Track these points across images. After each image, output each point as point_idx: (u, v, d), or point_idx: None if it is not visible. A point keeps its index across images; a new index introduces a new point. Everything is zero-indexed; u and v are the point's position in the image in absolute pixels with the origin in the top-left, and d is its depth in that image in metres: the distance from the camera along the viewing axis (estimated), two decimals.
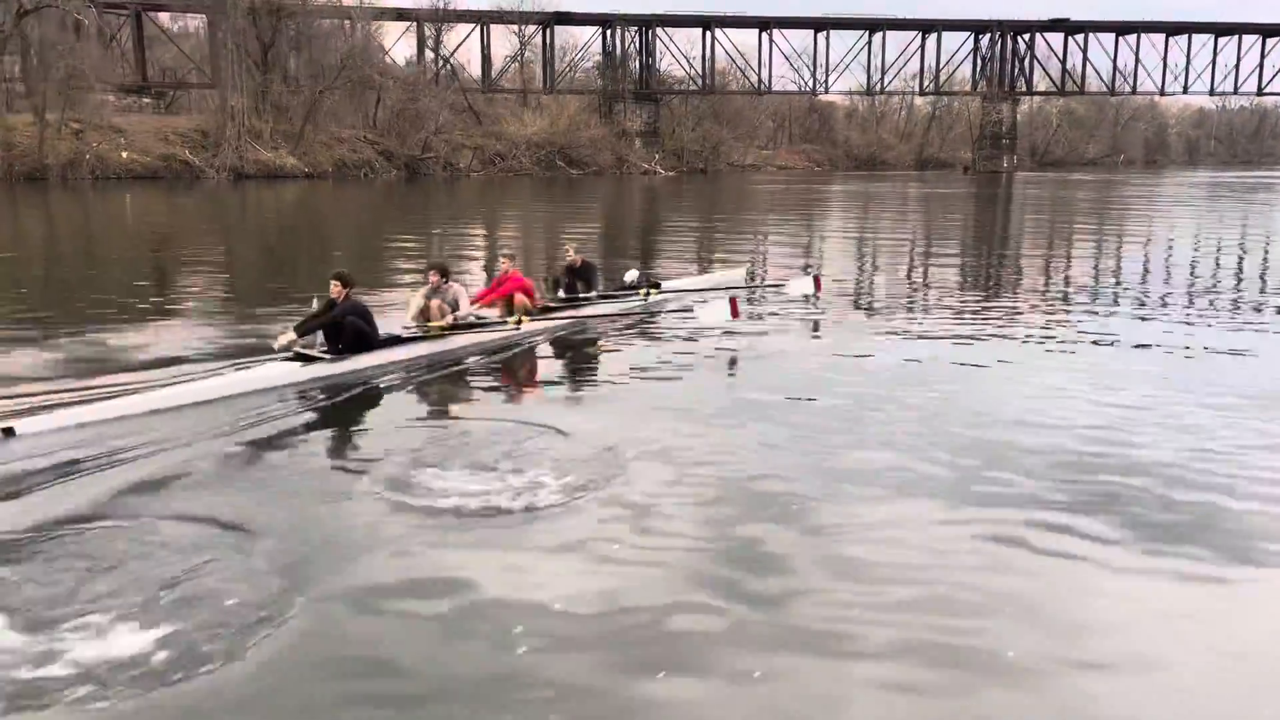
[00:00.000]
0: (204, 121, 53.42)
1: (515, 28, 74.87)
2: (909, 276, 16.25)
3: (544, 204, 39.32)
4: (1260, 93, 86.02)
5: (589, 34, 79.20)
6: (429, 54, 71.53)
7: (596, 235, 23.49)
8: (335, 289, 7.92)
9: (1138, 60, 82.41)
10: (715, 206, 38.58)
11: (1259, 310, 11.84)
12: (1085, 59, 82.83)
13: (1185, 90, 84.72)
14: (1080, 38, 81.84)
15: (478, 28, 74.02)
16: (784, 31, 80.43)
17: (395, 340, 8.33)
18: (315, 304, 8.15)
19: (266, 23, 52.68)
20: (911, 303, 12.63)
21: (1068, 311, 11.73)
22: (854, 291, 13.58)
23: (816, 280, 11.46)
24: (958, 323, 10.72)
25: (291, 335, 7.70)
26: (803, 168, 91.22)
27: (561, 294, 10.60)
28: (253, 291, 13.92)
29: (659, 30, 78.60)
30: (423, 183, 53.79)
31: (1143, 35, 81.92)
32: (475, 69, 75.68)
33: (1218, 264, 17.35)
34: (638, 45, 79.21)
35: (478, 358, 8.62)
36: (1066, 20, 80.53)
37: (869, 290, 13.80)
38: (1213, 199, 43.62)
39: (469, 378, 8.15)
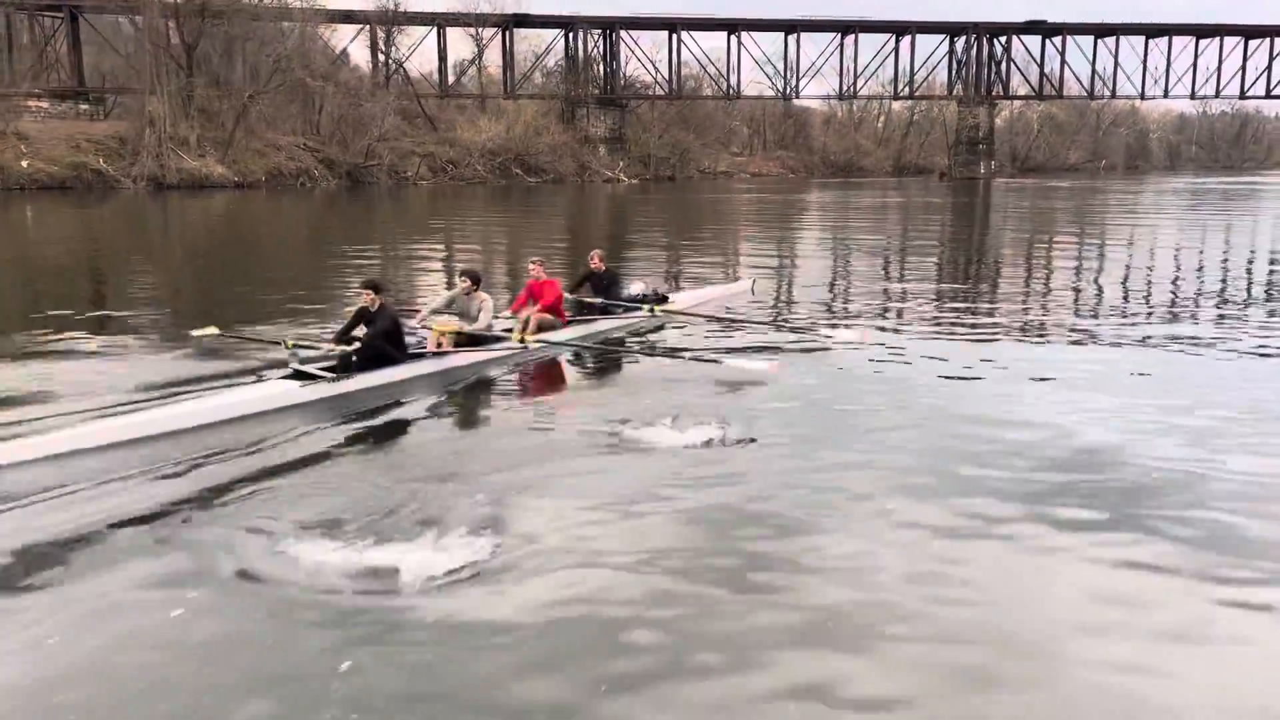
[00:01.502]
0: (124, 128, 50.11)
1: (472, 30, 71.97)
2: (845, 293, 14.83)
3: (491, 214, 37.36)
4: (1242, 96, 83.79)
5: (550, 37, 76.54)
6: (381, 57, 68.66)
7: (527, 250, 21.41)
8: (368, 297, 7.73)
9: (1117, 63, 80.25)
10: (667, 217, 36.41)
11: (1243, 318, 11.78)
12: (1063, 62, 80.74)
13: (1166, 94, 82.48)
14: (1058, 40, 79.60)
15: (434, 30, 71.18)
16: (753, 34, 77.89)
17: (401, 359, 8.01)
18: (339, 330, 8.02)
19: (192, 23, 49.46)
20: (885, 314, 12.32)
21: (1043, 327, 11.52)
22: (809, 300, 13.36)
23: (864, 335, 10.28)
24: (933, 336, 10.60)
25: (333, 346, 7.68)
26: (777, 175, 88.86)
27: (578, 300, 10.62)
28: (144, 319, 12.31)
29: (623, 33, 75.83)
30: (365, 192, 51.16)
31: (1122, 38, 79.69)
32: (434, 74, 72.96)
33: (1200, 275, 16.77)
34: (601, 49, 76.49)
35: (480, 378, 8.35)
36: (1043, 22, 78.31)
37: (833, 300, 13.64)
38: (1194, 208, 41.51)
39: (471, 402, 7.91)
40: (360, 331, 7.82)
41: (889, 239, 25.90)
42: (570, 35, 75.29)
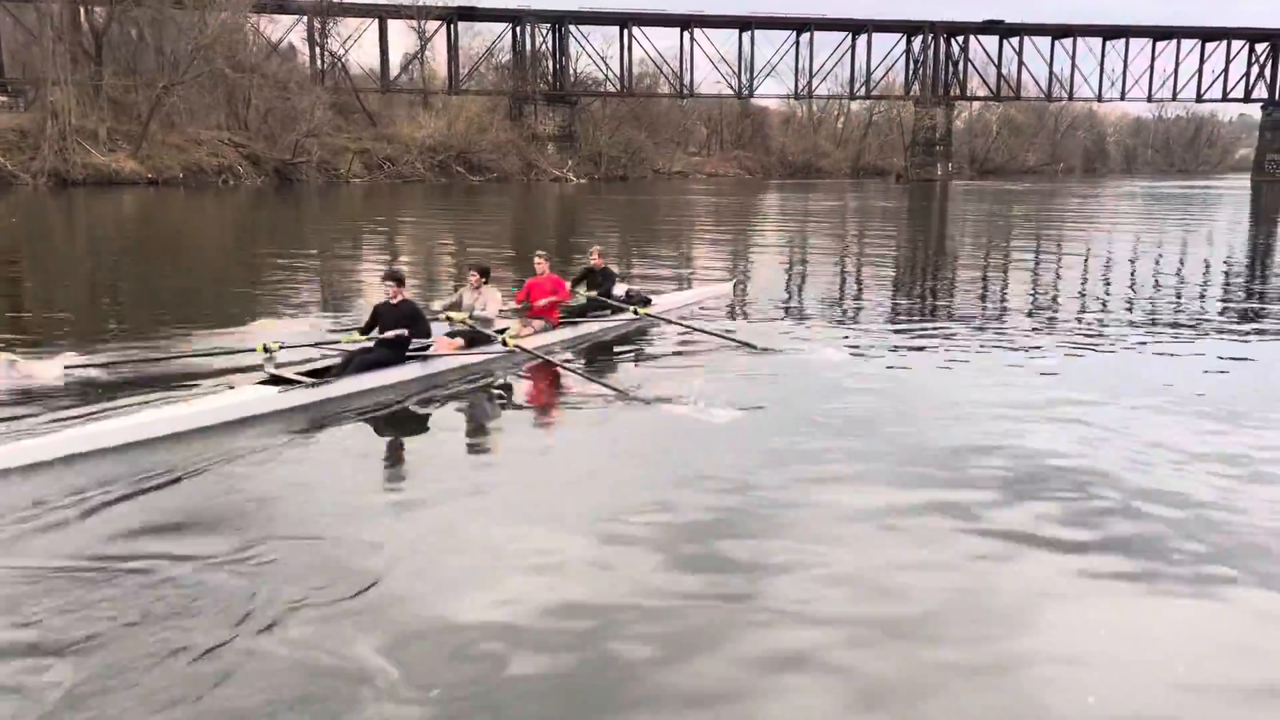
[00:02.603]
0: (26, 120, 46.76)
1: (415, 23, 69.19)
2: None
3: (425, 214, 35.59)
4: (1199, 99, 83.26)
5: (497, 31, 73.87)
6: (319, 49, 65.66)
7: (443, 254, 20.88)
8: (391, 290, 7.73)
9: (1074, 65, 79.29)
10: (612, 220, 34.48)
11: (1200, 322, 11.92)
12: (1020, 63, 79.65)
13: (1123, 96, 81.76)
14: (1015, 41, 78.54)
15: (375, 22, 68.29)
16: (707, 31, 75.84)
17: (386, 363, 7.84)
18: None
19: (102, 8, 46.22)
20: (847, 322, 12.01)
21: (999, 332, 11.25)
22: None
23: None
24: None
25: (355, 335, 7.78)
26: (733, 175, 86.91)
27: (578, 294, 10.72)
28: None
29: (573, 28, 73.44)
30: (293, 191, 48.35)
31: (1079, 39, 78.81)
32: (377, 69, 70.02)
33: (1156, 280, 16.69)
34: (550, 44, 74.03)
35: (464, 383, 8.20)
36: (1001, 22, 77.15)
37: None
38: (1150, 214, 40.34)
39: (456, 406, 7.74)
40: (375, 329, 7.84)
41: (828, 253, 23.84)
42: (518, 29, 72.78)
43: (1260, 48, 79.43)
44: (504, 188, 58.71)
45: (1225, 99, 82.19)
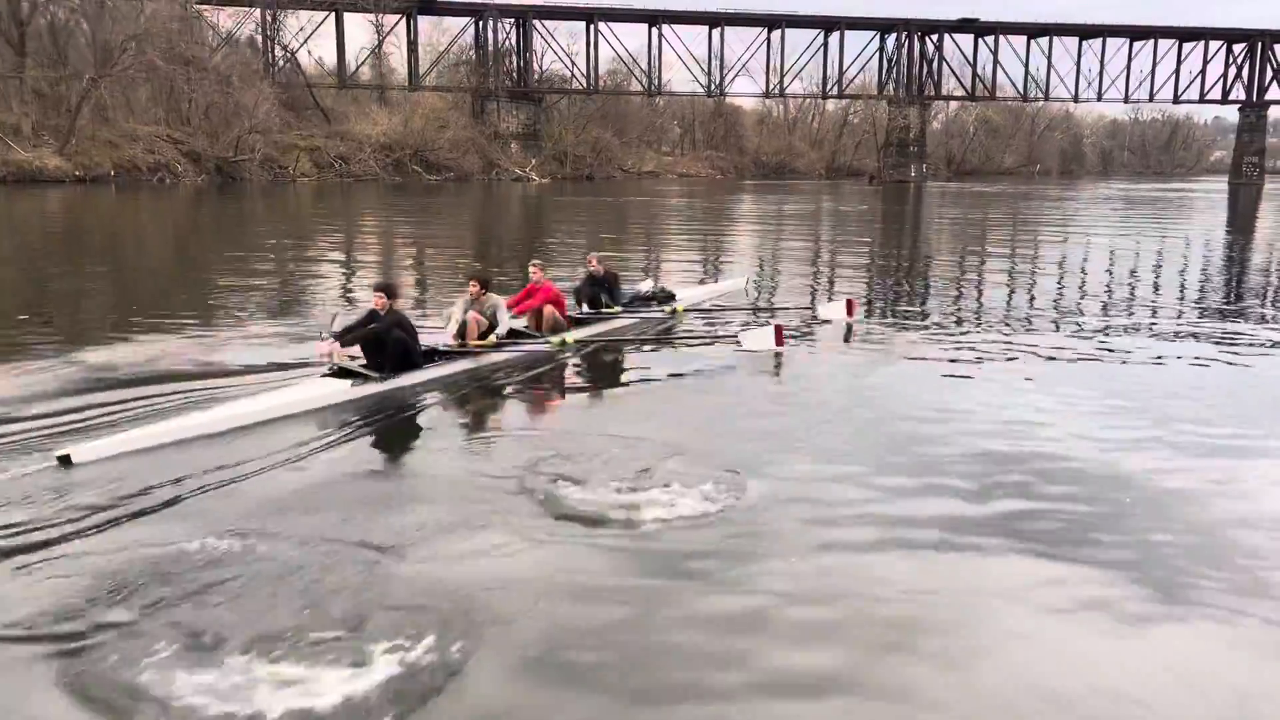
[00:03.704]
0: None
1: (372, 16, 66.63)
2: None
3: (365, 217, 33.55)
4: (1176, 100, 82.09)
5: (459, 26, 71.43)
6: (270, 43, 63.00)
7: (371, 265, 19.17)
8: (379, 300, 7.77)
9: (1050, 65, 77.86)
10: (570, 223, 32.68)
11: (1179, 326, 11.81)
12: (996, 62, 78.01)
13: (1100, 97, 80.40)
14: (991, 40, 76.99)
15: (331, 15, 65.66)
16: (676, 28, 73.75)
17: (436, 355, 8.26)
18: (334, 322, 8.11)
19: None
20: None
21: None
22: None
23: (849, 305, 11.31)
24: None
25: (334, 344, 7.63)
26: (705, 176, 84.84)
27: (585, 307, 10.37)
28: None
29: (537, 23, 71.15)
30: (235, 189, 45.85)
31: (1055, 39, 77.39)
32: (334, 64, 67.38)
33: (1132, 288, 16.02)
34: (514, 39, 71.65)
35: (518, 373, 8.56)
36: (976, 21, 75.55)
37: None
38: (1127, 219, 38.54)
39: (515, 394, 8.15)
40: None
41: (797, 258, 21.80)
42: (480, 24, 70.38)
43: (1238, 48, 78.33)
44: (462, 187, 56.51)
45: (1202, 100, 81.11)
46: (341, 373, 7.48)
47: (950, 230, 30.84)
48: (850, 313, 11.16)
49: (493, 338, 8.58)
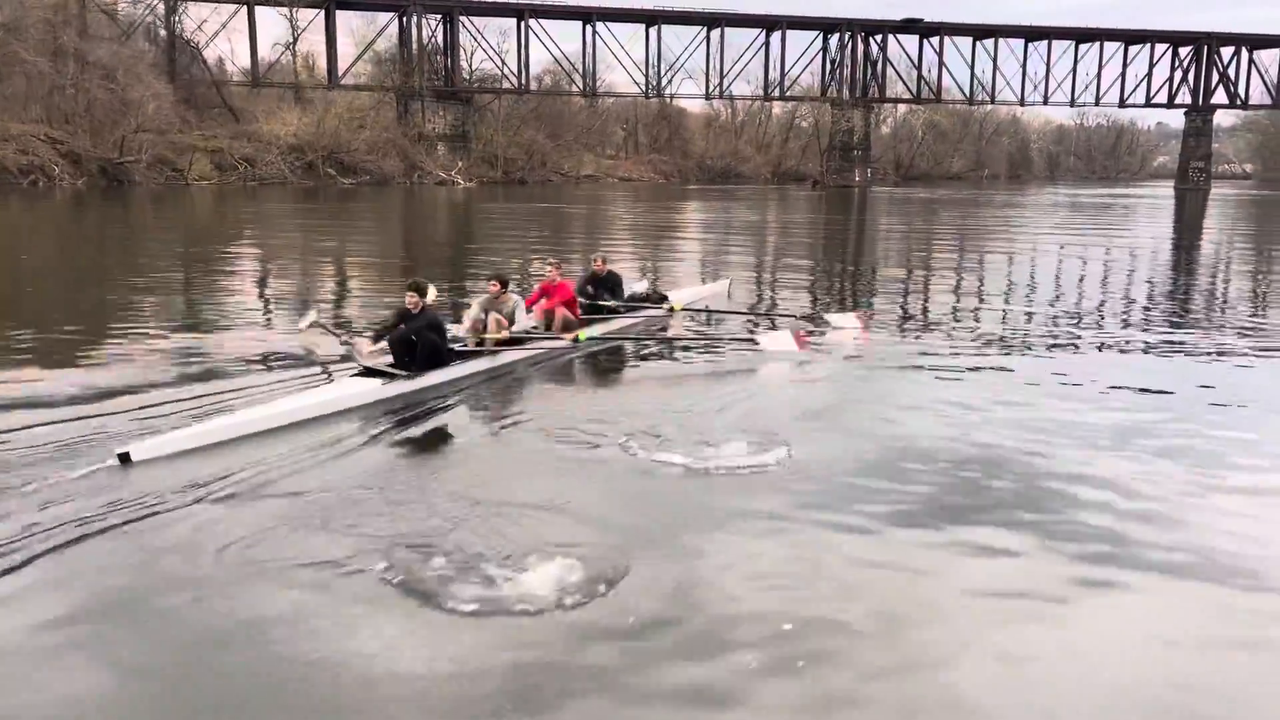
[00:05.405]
0: None
1: (286, 10, 62.64)
2: None
3: (258, 224, 30.46)
4: (1122, 104, 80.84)
5: (382, 22, 67.61)
6: (169, 34, 58.75)
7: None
8: (411, 299, 7.83)
9: (995, 67, 76.12)
10: (490, 230, 30.03)
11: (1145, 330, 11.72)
12: (941, 64, 76.13)
13: (1046, 101, 79.10)
14: (936, 41, 75.07)
15: (242, 9, 61.57)
16: (612, 26, 70.74)
17: (459, 355, 8.40)
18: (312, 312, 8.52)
19: None
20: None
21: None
22: None
23: (862, 318, 11.43)
24: None
25: (369, 344, 7.80)
26: (648, 179, 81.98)
27: (583, 302, 10.52)
28: None
29: (464, 19, 67.65)
30: (122, 194, 41.82)
31: (1001, 40, 75.72)
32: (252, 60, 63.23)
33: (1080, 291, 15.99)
34: (440, 36, 68.05)
35: (538, 370, 8.81)
36: (920, 21, 73.60)
37: None
38: (1081, 226, 36.32)
39: (538, 389, 8.34)
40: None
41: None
42: (404, 19, 66.72)
43: (1184, 52, 77.38)
44: (379, 191, 52.84)
45: (1149, 104, 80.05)
46: (370, 372, 7.64)
47: (906, 241, 28.11)
48: (864, 328, 11.08)
49: (505, 333, 8.69)
